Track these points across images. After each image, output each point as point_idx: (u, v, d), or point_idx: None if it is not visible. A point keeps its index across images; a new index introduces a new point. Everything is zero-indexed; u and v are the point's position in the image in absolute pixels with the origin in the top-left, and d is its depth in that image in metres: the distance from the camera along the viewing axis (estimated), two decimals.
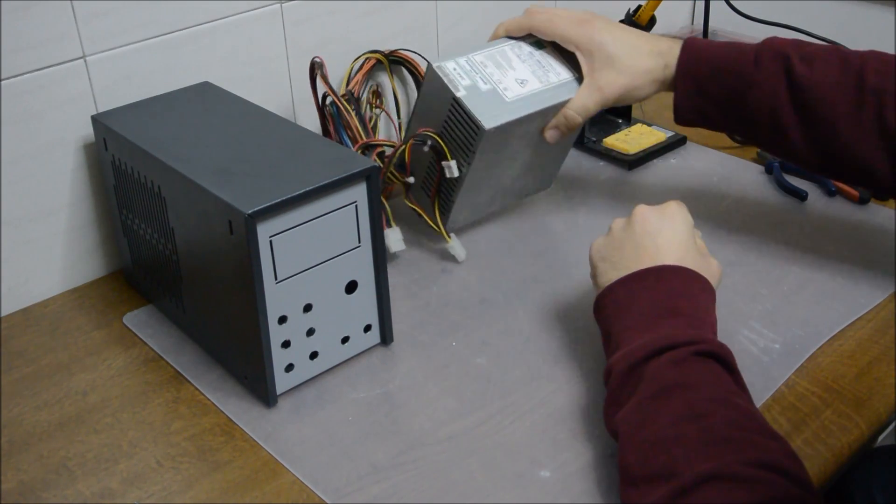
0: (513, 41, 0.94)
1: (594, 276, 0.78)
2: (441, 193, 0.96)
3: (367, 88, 1.02)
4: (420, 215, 0.96)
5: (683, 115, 0.89)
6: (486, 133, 0.86)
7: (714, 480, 0.57)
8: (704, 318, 0.70)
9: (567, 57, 0.93)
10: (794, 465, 0.60)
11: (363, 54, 1.07)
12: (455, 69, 0.89)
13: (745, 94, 0.84)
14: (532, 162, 0.98)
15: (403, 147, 0.91)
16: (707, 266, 0.75)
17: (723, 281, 0.78)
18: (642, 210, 0.78)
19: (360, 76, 1.04)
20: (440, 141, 0.90)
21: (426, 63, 0.97)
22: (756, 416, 0.64)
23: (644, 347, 0.67)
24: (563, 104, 0.91)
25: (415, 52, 1.09)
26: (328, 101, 0.98)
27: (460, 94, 0.87)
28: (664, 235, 0.75)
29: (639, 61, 0.88)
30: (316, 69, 0.96)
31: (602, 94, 0.89)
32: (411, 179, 0.93)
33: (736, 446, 0.59)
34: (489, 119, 0.86)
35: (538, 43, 0.94)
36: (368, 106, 0.98)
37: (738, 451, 0.59)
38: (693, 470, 0.58)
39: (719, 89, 0.85)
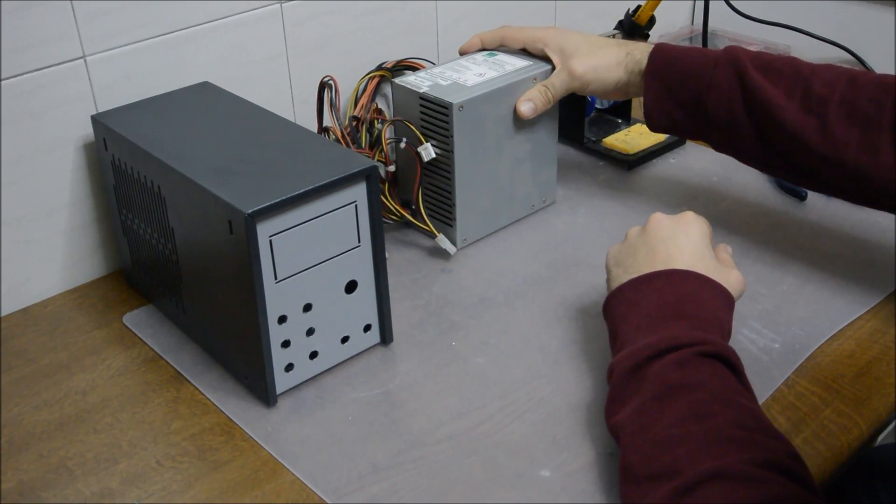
0: (467, 55, 1.03)
1: (608, 280, 0.79)
2: (441, 198, 0.97)
3: (371, 108, 1.04)
4: (403, 214, 0.97)
5: (654, 120, 0.94)
6: (454, 107, 0.90)
7: (717, 479, 0.57)
8: (712, 320, 0.70)
9: (522, 57, 1.00)
10: (797, 465, 0.60)
11: (368, 74, 1.07)
12: (416, 79, 0.96)
13: (706, 96, 0.88)
14: (522, 159, 0.99)
15: (381, 147, 0.96)
16: (724, 277, 0.75)
17: None
18: (657, 217, 0.79)
19: (365, 99, 1.05)
20: (409, 125, 0.94)
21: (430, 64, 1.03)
22: (760, 416, 0.64)
23: (648, 348, 0.67)
24: (525, 80, 0.96)
25: (422, 59, 1.09)
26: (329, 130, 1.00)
27: (423, 90, 0.93)
28: (677, 242, 0.76)
29: (602, 48, 0.95)
30: (325, 91, 0.97)
31: (570, 73, 0.95)
32: (392, 167, 0.98)
33: (739, 446, 0.59)
34: (455, 98, 0.91)
35: (491, 53, 1.02)
36: (373, 122, 1.00)
37: (742, 450, 0.59)
38: (696, 468, 0.58)
39: (684, 92, 0.90)
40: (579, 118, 1.16)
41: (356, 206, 0.77)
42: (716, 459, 0.58)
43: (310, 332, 0.78)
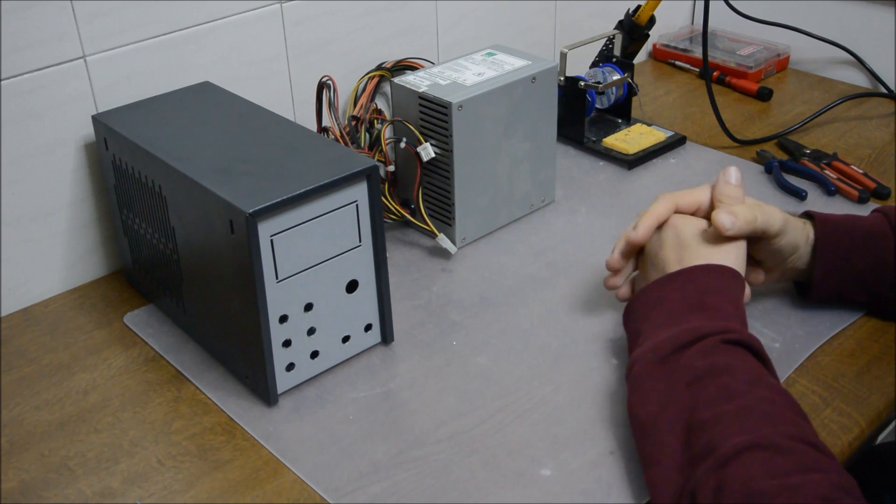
0: (466, 55, 1.02)
1: None
2: (441, 197, 0.97)
3: (371, 108, 1.04)
4: (402, 214, 0.97)
5: (821, 293, 0.85)
6: (453, 107, 0.91)
7: (752, 449, 0.59)
8: (732, 311, 0.72)
9: (522, 56, 1.00)
10: (821, 442, 0.62)
11: (367, 74, 1.07)
12: (415, 79, 0.96)
13: (888, 260, 0.82)
14: (521, 158, 0.99)
15: (380, 147, 0.96)
16: (724, 254, 0.76)
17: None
18: (651, 237, 0.81)
19: (364, 99, 1.05)
20: (408, 125, 0.94)
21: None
22: (788, 395, 0.65)
23: (672, 340, 0.69)
24: (524, 80, 0.96)
25: (422, 59, 1.09)
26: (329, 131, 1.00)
27: (422, 89, 0.93)
28: (668, 246, 0.78)
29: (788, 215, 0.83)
30: (324, 91, 0.97)
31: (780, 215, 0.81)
32: (391, 167, 0.98)
33: (771, 420, 0.61)
34: (454, 97, 0.91)
35: (490, 53, 1.02)
36: (372, 122, 1.00)
37: (773, 424, 0.61)
38: (730, 442, 0.60)
39: (862, 261, 0.82)
40: (579, 118, 1.17)
41: (357, 205, 0.77)
42: (749, 433, 0.60)
43: (311, 331, 0.78)
